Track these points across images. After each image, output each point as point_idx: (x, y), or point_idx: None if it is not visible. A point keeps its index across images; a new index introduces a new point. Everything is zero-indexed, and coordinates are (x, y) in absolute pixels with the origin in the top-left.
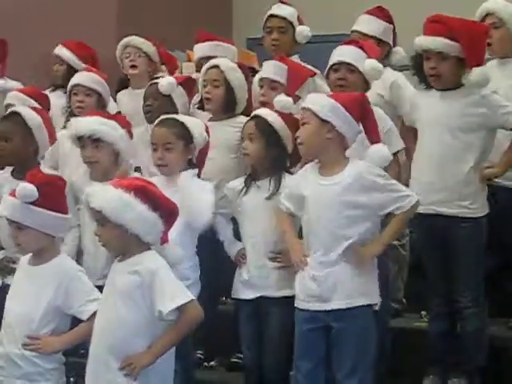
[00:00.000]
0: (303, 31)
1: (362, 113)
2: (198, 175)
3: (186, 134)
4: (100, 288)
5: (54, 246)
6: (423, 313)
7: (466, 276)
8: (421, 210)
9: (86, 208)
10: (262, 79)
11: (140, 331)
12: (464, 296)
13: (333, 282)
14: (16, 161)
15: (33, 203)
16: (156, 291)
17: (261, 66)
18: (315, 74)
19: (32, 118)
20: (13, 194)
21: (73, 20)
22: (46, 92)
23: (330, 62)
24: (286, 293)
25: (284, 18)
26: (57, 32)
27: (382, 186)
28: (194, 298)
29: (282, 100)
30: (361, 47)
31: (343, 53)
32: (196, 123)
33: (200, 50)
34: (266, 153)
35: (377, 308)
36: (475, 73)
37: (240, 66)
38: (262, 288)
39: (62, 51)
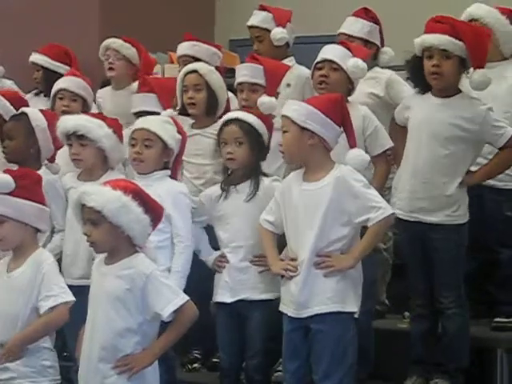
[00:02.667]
0: (275, 34)
1: (341, 114)
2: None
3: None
4: (79, 288)
5: (33, 243)
6: (406, 314)
7: (448, 277)
8: (403, 216)
9: (76, 206)
10: (240, 84)
11: (130, 334)
12: (445, 297)
13: (310, 288)
14: (17, 160)
15: (10, 194)
16: (151, 295)
17: None
18: (289, 67)
19: (37, 119)
20: None
21: (54, 22)
22: (29, 95)
23: (315, 61)
24: (267, 296)
25: (257, 27)
26: (38, 34)
27: (358, 192)
28: (188, 298)
29: (265, 101)
30: (347, 47)
31: (327, 51)
32: (166, 130)
33: (179, 48)
34: (251, 157)
35: (356, 316)
36: (478, 73)
37: (217, 67)
38: (242, 291)
39: (35, 57)
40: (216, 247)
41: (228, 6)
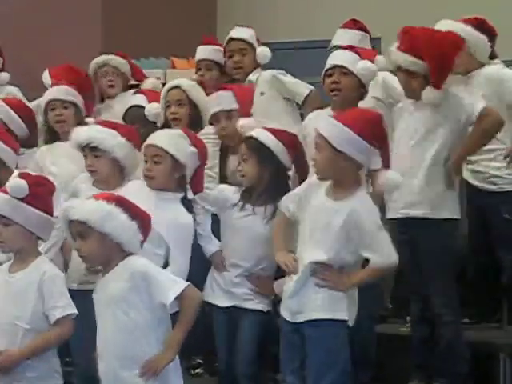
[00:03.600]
0: (263, 51)
1: (378, 136)
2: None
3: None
4: (81, 292)
5: (34, 249)
6: (408, 318)
7: (434, 280)
8: (394, 215)
9: (64, 223)
10: (214, 115)
11: (143, 333)
12: (435, 302)
13: (303, 294)
14: None
15: (22, 200)
16: (152, 287)
17: None
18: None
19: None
20: (1, 189)
21: (57, 26)
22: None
23: (325, 68)
24: (259, 307)
25: (244, 41)
26: (41, 40)
27: (370, 233)
28: (189, 283)
29: (245, 123)
30: (356, 52)
31: (336, 57)
32: (175, 144)
33: (198, 52)
34: (261, 171)
35: (350, 324)
36: (428, 92)
37: (198, 82)
38: (237, 298)
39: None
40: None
41: (230, 12)
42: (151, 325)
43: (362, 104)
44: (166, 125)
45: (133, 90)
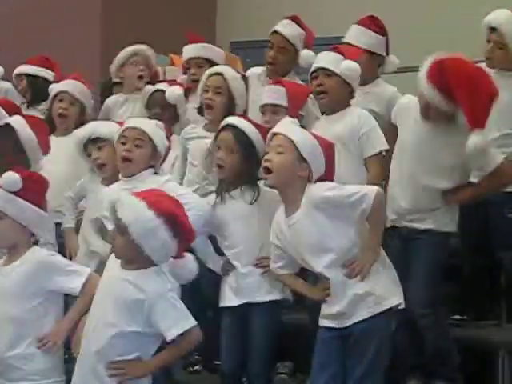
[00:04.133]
0: (306, 56)
1: (331, 161)
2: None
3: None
4: None
5: (27, 242)
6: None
7: (417, 280)
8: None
9: (110, 208)
10: (263, 106)
11: (129, 340)
12: (416, 304)
13: (348, 299)
14: None
15: (15, 193)
16: (158, 314)
17: (244, 69)
18: (311, 91)
19: (25, 132)
20: None
21: (56, 24)
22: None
23: (310, 72)
24: (273, 297)
25: (287, 40)
26: (39, 37)
27: (337, 198)
28: (196, 323)
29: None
30: (339, 51)
31: (319, 59)
32: (158, 133)
33: (188, 50)
34: (241, 167)
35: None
36: (473, 140)
37: (243, 76)
38: (247, 294)
39: (17, 69)
40: (221, 253)
41: (229, 9)
42: (140, 335)
43: (355, 106)
44: (200, 109)
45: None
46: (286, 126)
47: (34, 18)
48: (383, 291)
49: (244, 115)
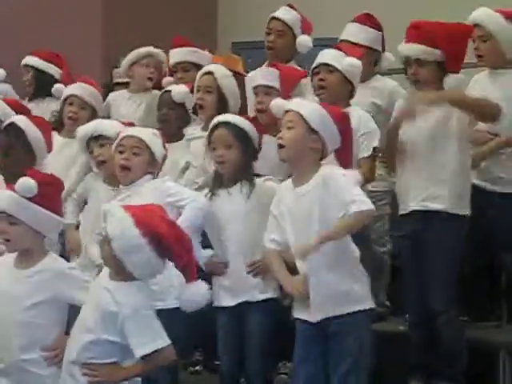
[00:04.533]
0: (303, 41)
1: (346, 129)
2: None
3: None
4: None
5: (41, 248)
6: (407, 316)
7: (437, 278)
8: (404, 211)
9: (104, 218)
10: (255, 87)
11: (104, 347)
12: (435, 299)
13: (324, 292)
14: (16, 176)
15: (30, 199)
16: (132, 330)
17: (246, 70)
18: (306, 74)
19: (32, 131)
20: (9, 187)
21: (56, 23)
22: (25, 102)
23: (311, 67)
24: (267, 295)
25: (284, 22)
26: (40, 37)
27: (343, 184)
28: (170, 343)
29: (277, 103)
30: (341, 49)
31: (322, 55)
32: (155, 141)
33: (174, 55)
34: (242, 160)
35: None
36: (452, 78)
37: (235, 73)
38: (243, 293)
39: (26, 59)
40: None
41: (230, 9)
42: (114, 345)
43: (354, 103)
44: (195, 109)
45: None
46: (296, 102)
47: (34, 18)
48: (362, 293)
49: (261, 111)
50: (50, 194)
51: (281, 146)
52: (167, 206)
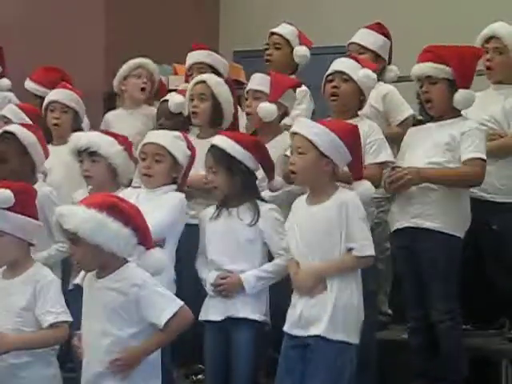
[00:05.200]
0: (299, 51)
1: (355, 144)
2: (181, 190)
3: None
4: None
5: (27, 257)
6: (409, 324)
7: (438, 290)
8: (396, 225)
9: (58, 226)
10: (247, 92)
11: (128, 344)
12: (436, 308)
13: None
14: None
15: (9, 209)
16: (145, 306)
17: (247, 79)
18: (298, 82)
19: (26, 136)
20: None
21: (58, 33)
22: None
23: (326, 74)
24: (254, 317)
25: (281, 36)
26: (42, 47)
27: (356, 220)
28: (183, 303)
29: (262, 107)
30: (356, 59)
31: (337, 63)
32: (177, 145)
33: (192, 56)
34: (231, 181)
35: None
36: (460, 93)
37: (227, 80)
38: (231, 309)
39: (30, 86)
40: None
41: (232, 18)
42: (137, 335)
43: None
44: (189, 117)
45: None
46: (303, 125)
47: (37, 27)
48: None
49: (233, 128)
50: (26, 201)
51: (293, 172)
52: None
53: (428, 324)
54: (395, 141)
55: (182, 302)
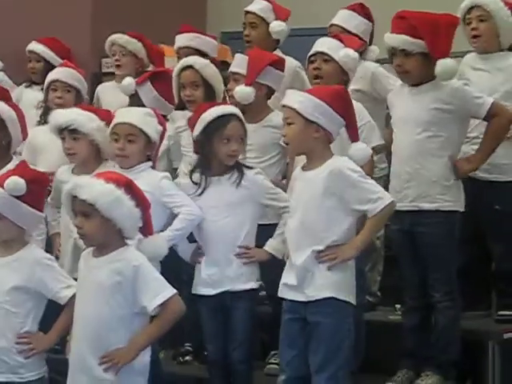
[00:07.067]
0: (275, 26)
1: (344, 107)
2: (153, 167)
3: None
4: None
5: (21, 238)
6: (397, 306)
7: (438, 271)
8: (398, 207)
9: (67, 198)
10: (229, 74)
11: (119, 327)
12: (437, 290)
13: (309, 274)
14: None
15: (18, 197)
16: (139, 288)
17: None
18: (278, 59)
19: (6, 111)
20: None
21: (46, 11)
22: (20, 87)
23: (308, 55)
24: (250, 286)
25: (255, 14)
26: (30, 25)
27: (355, 182)
28: (176, 292)
29: (238, 90)
30: (339, 39)
31: (319, 44)
32: (149, 122)
33: (178, 40)
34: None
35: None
36: (439, 64)
37: (212, 60)
38: (225, 283)
39: (38, 47)
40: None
41: None
42: (129, 318)
43: None
44: (181, 105)
45: None
46: (288, 97)
47: (23, 7)
48: (344, 285)
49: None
50: (36, 191)
51: (286, 144)
52: (159, 204)
53: (424, 304)
54: None
55: (175, 290)
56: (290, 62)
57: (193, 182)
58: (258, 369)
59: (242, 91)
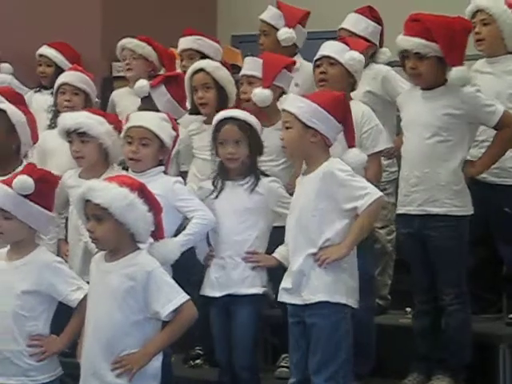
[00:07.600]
0: (281, 34)
1: (342, 113)
2: (165, 172)
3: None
4: None
5: (32, 240)
6: (408, 309)
7: (448, 274)
8: (406, 210)
9: (79, 202)
10: (242, 77)
11: (131, 332)
12: (447, 294)
13: (306, 277)
14: None
15: (26, 196)
16: (152, 293)
17: None
18: (291, 61)
19: (16, 115)
20: (5, 182)
21: (56, 16)
22: (30, 92)
23: (314, 59)
24: (254, 290)
25: (265, 22)
26: (39, 32)
27: (343, 181)
28: (189, 297)
29: (256, 93)
30: (344, 42)
31: (324, 47)
32: (163, 127)
33: (181, 42)
34: (250, 156)
35: (350, 306)
36: (454, 71)
37: (222, 63)
38: (231, 286)
39: (48, 51)
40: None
41: (230, 2)
42: (142, 323)
43: (354, 96)
44: (194, 110)
45: None
46: (287, 101)
47: (34, 12)
48: (340, 287)
49: (245, 100)
50: (45, 191)
51: (283, 147)
52: (172, 208)
53: (435, 307)
54: None
55: (188, 296)
56: (310, 69)
57: (214, 185)
58: (270, 372)
59: (261, 94)
